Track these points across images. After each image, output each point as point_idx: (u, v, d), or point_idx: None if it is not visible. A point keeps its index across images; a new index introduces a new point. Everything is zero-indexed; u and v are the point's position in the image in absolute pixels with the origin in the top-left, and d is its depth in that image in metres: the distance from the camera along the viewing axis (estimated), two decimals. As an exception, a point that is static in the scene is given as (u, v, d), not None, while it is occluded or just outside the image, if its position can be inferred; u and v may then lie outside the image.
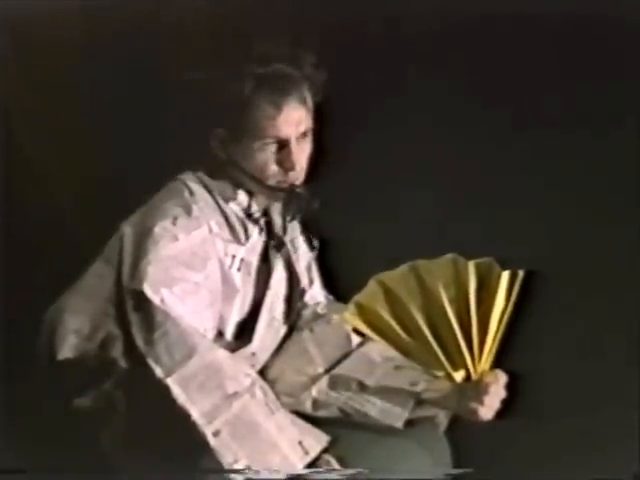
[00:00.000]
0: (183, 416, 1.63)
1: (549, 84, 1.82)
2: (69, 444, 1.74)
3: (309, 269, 1.99)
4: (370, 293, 1.83)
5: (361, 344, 1.91)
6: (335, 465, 1.72)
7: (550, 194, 1.86)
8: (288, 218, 1.91)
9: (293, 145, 1.79)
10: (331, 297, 2.00)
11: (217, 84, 1.76)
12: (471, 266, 1.77)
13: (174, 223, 1.73)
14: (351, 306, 1.83)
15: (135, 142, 1.97)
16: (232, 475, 1.63)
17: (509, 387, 1.74)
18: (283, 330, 1.92)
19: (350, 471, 1.72)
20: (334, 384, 1.84)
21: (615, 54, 1.77)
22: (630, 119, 1.80)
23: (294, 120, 1.79)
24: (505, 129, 1.86)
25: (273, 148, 1.79)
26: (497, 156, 1.87)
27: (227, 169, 1.82)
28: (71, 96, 2.00)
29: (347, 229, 1.94)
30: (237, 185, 1.83)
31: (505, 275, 1.75)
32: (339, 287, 1.99)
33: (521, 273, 1.76)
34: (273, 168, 1.80)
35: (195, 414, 1.63)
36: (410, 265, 1.81)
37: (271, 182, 1.82)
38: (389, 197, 1.94)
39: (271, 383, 1.83)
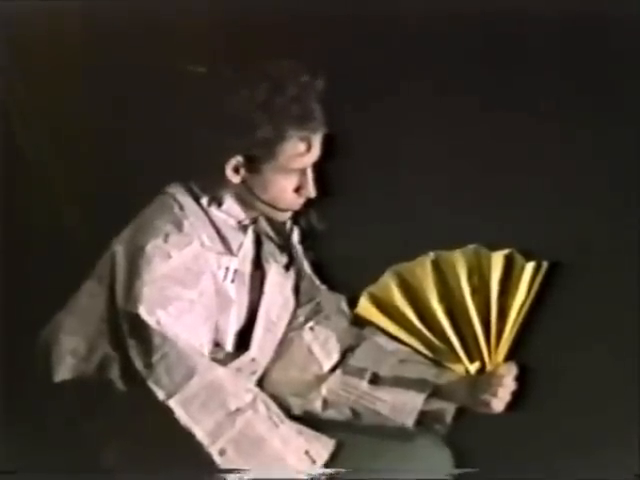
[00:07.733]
0: (187, 437, 1.63)
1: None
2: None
3: (301, 262, 1.96)
4: (385, 284, 1.84)
5: (364, 338, 1.89)
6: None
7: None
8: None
9: (309, 172, 1.78)
10: (324, 287, 1.97)
11: (246, 120, 1.72)
12: (495, 257, 1.78)
13: (166, 240, 1.71)
14: (364, 297, 1.85)
15: (137, 144, 1.94)
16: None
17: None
18: (282, 332, 1.90)
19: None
20: (346, 377, 1.84)
21: (615, 53, 1.75)
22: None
23: (318, 152, 1.78)
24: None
25: (293, 177, 1.77)
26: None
27: (236, 191, 1.79)
28: (72, 99, 1.97)
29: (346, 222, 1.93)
30: (245, 206, 1.81)
31: (529, 267, 1.76)
32: (329, 275, 1.97)
33: (545, 265, 1.76)
34: (290, 195, 1.79)
35: (199, 434, 1.63)
36: (430, 256, 1.82)
37: (282, 206, 1.81)
38: (390, 192, 1.92)
39: (276, 385, 1.83)
